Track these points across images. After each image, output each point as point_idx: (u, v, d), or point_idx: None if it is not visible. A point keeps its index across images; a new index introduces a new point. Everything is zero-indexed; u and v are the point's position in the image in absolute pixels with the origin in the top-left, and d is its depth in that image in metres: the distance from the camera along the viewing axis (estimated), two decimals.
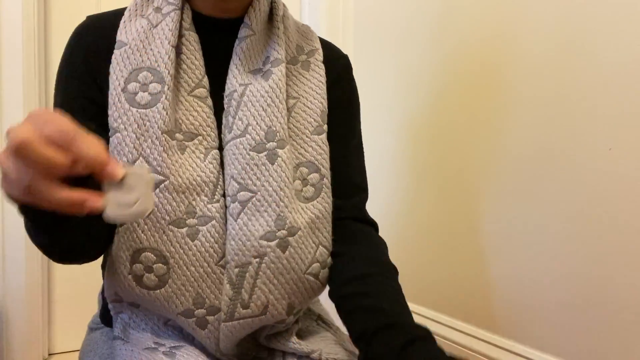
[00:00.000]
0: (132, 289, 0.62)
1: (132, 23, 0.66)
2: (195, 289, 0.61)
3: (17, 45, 1.41)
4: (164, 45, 0.63)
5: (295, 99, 0.69)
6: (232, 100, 0.65)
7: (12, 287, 1.44)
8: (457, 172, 1.28)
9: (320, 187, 0.67)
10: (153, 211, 0.59)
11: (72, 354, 1.58)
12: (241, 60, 0.67)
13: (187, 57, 0.65)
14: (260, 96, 0.65)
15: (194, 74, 0.65)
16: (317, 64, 0.72)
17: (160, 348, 0.63)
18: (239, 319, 0.62)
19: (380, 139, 1.53)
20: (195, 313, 0.62)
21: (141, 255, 0.60)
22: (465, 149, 1.26)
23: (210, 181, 0.62)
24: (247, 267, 0.61)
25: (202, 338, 0.63)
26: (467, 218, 1.25)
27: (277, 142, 0.64)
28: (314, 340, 0.71)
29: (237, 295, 0.62)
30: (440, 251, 1.34)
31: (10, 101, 1.41)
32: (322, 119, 0.70)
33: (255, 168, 0.63)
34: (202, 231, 0.61)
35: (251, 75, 0.67)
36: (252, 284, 0.62)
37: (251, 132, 0.64)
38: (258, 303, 0.62)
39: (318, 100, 0.70)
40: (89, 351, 0.70)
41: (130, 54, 0.63)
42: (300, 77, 0.71)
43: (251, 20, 0.67)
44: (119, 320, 0.66)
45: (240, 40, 0.67)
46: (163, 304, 0.62)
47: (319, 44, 0.75)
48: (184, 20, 0.65)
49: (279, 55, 0.67)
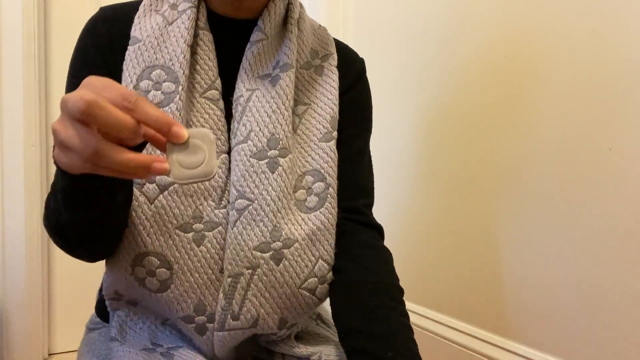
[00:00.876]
0: (135, 289, 0.61)
1: (146, 19, 0.63)
2: (197, 296, 0.60)
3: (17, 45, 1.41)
4: (180, 44, 0.61)
5: (307, 105, 0.68)
6: (239, 106, 0.64)
7: (12, 287, 1.44)
8: (462, 173, 1.28)
9: (324, 197, 0.65)
10: (160, 214, 0.58)
11: (72, 354, 1.58)
12: (251, 65, 0.65)
13: (201, 58, 0.63)
14: (266, 102, 0.63)
15: (207, 75, 0.63)
16: (330, 69, 0.70)
17: (157, 349, 0.63)
18: (229, 330, 0.61)
19: (381, 139, 1.53)
20: (196, 320, 0.61)
21: (144, 260, 0.59)
22: (469, 149, 1.25)
23: (218, 186, 0.61)
24: (239, 278, 0.60)
25: (200, 344, 0.63)
26: (472, 219, 1.25)
27: (280, 151, 0.62)
28: (313, 341, 0.70)
29: (228, 306, 0.60)
30: (444, 252, 1.34)
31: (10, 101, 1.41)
32: (332, 126, 0.67)
33: (254, 175, 0.61)
34: (208, 237, 0.60)
35: (259, 80, 0.65)
36: (242, 296, 0.60)
37: (253, 138, 0.62)
38: (247, 316, 0.60)
39: (329, 107, 0.68)
40: (87, 352, 0.69)
41: (144, 51, 0.61)
42: (312, 83, 0.69)
43: (265, 23, 0.65)
44: (116, 318, 0.65)
45: (252, 44, 0.65)
46: (164, 307, 0.61)
47: (334, 48, 0.73)
48: (199, 19, 0.63)
49: (289, 61, 0.65)
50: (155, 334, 0.65)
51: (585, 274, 0.98)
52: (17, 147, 1.43)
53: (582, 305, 0.99)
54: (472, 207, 1.24)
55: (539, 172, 1.06)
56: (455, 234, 1.30)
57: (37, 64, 1.46)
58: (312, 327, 0.75)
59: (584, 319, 0.99)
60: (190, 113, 0.61)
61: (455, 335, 1.28)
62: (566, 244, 1.01)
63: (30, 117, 1.45)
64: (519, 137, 1.11)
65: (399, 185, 1.49)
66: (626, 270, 0.92)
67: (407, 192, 1.46)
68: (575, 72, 0.99)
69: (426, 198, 1.39)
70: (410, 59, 1.44)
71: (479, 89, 1.21)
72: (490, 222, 1.19)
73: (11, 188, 1.43)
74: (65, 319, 1.58)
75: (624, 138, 0.91)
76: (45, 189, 1.51)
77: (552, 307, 1.05)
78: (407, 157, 1.46)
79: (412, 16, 1.43)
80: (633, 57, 0.90)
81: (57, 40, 1.53)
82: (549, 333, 1.06)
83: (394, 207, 1.51)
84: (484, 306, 1.21)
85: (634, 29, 0.89)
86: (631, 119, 0.90)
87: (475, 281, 1.23)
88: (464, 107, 1.26)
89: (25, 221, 1.44)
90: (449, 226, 1.32)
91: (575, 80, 0.99)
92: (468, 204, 1.25)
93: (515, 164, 1.12)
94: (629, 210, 0.91)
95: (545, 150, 1.05)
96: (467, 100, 1.24)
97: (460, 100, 1.27)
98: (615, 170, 0.93)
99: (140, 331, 0.65)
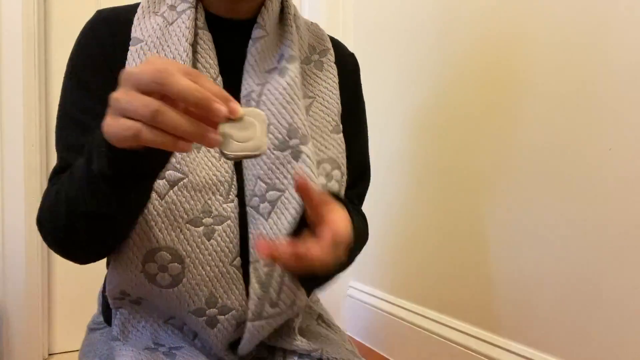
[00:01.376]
0: (144, 286, 0.61)
1: (146, 20, 0.65)
2: (209, 289, 0.61)
3: (17, 45, 1.41)
4: (182, 43, 0.62)
5: (312, 98, 0.70)
6: (251, 101, 0.65)
7: (12, 287, 1.44)
8: (458, 172, 1.28)
9: (342, 184, 0.69)
10: (171, 209, 0.59)
11: (72, 354, 1.58)
12: (257, 61, 0.67)
13: (202, 56, 0.64)
14: (279, 94, 0.64)
15: (209, 73, 0.64)
16: (330, 64, 0.73)
17: (160, 348, 0.63)
18: (266, 318, 0.63)
19: (380, 138, 1.53)
20: (207, 312, 0.62)
21: (156, 255, 0.59)
22: (466, 149, 1.26)
23: (225, 180, 0.62)
24: (275, 266, 0.62)
25: (210, 337, 0.63)
26: (468, 218, 1.25)
27: (300, 139, 0.64)
28: (315, 339, 0.71)
29: (265, 295, 0.62)
30: (441, 250, 1.34)
31: (10, 101, 1.41)
32: (339, 119, 0.71)
33: (281, 167, 0.63)
34: (218, 231, 0.61)
35: (267, 74, 0.67)
36: (279, 283, 0.62)
37: (273, 130, 0.64)
38: (287, 301, 0.63)
39: (334, 101, 0.71)
40: (88, 352, 0.69)
41: (147, 51, 0.62)
42: (314, 77, 0.71)
43: (264, 21, 0.67)
44: (119, 316, 0.66)
45: (255, 41, 0.67)
46: (174, 302, 0.62)
47: (329, 44, 0.75)
48: (198, 20, 0.65)
49: (293, 52, 0.67)
50: (157, 333, 0.65)
51: (585, 274, 0.98)
52: (17, 147, 1.43)
53: (579, 304, 0.99)
54: (466, 206, 1.24)
55: (539, 172, 1.06)
56: (449, 233, 1.30)
57: (37, 64, 1.46)
58: (313, 326, 0.75)
59: (580, 318, 0.99)
60: None
61: (450, 332, 1.28)
62: (566, 244, 1.01)
63: (30, 117, 1.44)
64: (519, 137, 1.11)
65: (393, 184, 1.49)
66: (626, 270, 0.92)
67: (400, 191, 1.46)
68: (575, 72, 0.99)
69: (419, 198, 1.39)
70: (410, 59, 1.44)
71: (476, 88, 1.21)
72: (486, 221, 1.19)
73: (11, 188, 1.42)
74: (65, 319, 1.58)
75: (624, 138, 0.91)
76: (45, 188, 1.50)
77: (547, 306, 1.05)
78: (404, 156, 1.46)
79: (413, 16, 1.43)
80: (633, 56, 0.90)
81: (57, 40, 1.53)
82: (543, 331, 1.06)
83: (387, 206, 1.51)
84: (479, 304, 1.21)
85: (635, 29, 0.90)
86: (631, 119, 0.90)
87: (470, 280, 1.24)
88: (462, 107, 1.26)
89: (25, 221, 1.44)
90: (443, 226, 1.32)
91: (575, 80, 0.99)
92: (462, 204, 1.25)
93: (516, 164, 1.12)
94: (629, 210, 0.91)
95: (545, 150, 1.05)
96: (464, 100, 1.25)
97: (459, 100, 1.27)
98: (615, 170, 0.93)
99: (142, 330, 0.65)
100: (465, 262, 1.26)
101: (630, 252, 0.91)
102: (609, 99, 0.94)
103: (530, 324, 1.09)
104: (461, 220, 1.27)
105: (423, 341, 1.37)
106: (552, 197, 1.04)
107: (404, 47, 1.46)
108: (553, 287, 1.04)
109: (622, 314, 0.93)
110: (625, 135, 0.91)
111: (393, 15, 1.52)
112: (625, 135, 0.91)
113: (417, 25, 1.41)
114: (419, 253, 1.42)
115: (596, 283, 0.96)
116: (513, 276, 1.13)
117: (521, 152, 1.10)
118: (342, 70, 0.74)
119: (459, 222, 1.28)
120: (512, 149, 1.13)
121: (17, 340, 1.45)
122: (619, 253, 0.93)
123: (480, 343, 1.21)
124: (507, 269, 1.15)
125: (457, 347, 1.27)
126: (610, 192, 0.94)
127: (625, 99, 0.91)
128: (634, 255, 0.91)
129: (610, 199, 0.94)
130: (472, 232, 1.24)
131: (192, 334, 0.66)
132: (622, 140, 0.92)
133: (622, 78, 0.91)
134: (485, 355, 1.19)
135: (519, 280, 1.12)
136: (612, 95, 0.93)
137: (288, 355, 0.67)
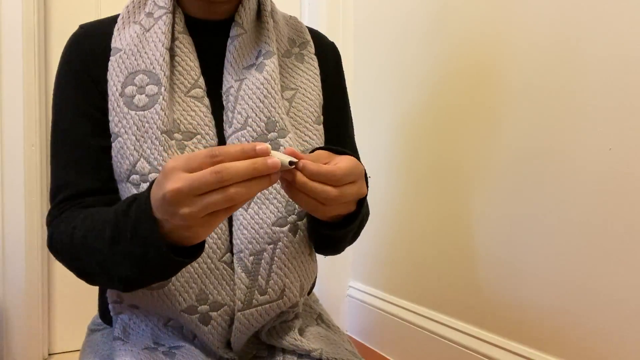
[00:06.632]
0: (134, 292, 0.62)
1: (125, 30, 0.68)
2: (198, 285, 0.62)
3: (17, 45, 1.41)
4: (158, 48, 0.65)
5: (294, 90, 0.72)
6: (230, 96, 0.68)
7: (12, 287, 1.44)
8: (455, 171, 1.28)
9: None
10: None
11: (72, 354, 1.58)
12: (235, 58, 0.69)
13: (182, 59, 0.67)
14: (257, 88, 0.67)
15: (190, 75, 0.67)
16: (310, 57, 0.75)
17: (160, 348, 0.63)
18: (256, 306, 0.64)
19: (379, 137, 1.53)
20: (199, 309, 0.62)
21: None
22: (464, 148, 1.25)
23: None
24: (262, 254, 0.63)
25: (205, 334, 0.64)
26: (466, 217, 1.25)
27: (278, 132, 0.66)
28: (314, 339, 0.71)
29: (253, 283, 0.63)
30: (439, 250, 1.34)
31: (10, 101, 1.42)
32: (320, 110, 0.73)
33: None
34: None
35: (246, 70, 0.69)
36: (268, 270, 0.64)
37: (251, 124, 0.66)
38: (275, 288, 0.64)
39: (316, 92, 0.73)
40: (89, 352, 0.70)
41: (126, 59, 0.65)
42: (295, 69, 0.73)
43: (242, 19, 0.69)
44: (119, 321, 0.66)
45: (233, 39, 0.69)
46: (166, 302, 0.62)
47: (309, 36, 0.77)
48: (177, 24, 0.68)
49: (271, 48, 0.70)
50: (157, 335, 0.66)
51: (585, 274, 0.98)
52: (17, 147, 1.43)
53: (579, 304, 0.99)
54: (463, 206, 1.24)
55: (538, 172, 1.06)
56: (446, 233, 1.30)
57: (37, 64, 1.46)
58: (312, 326, 0.75)
59: (580, 318, 0.99)
60: (176, 112, 0.65)
61: (450, 332, 1.29)
62: (566, 244, 1.01)
63: (30, 117, 1.45)
64: (516, 136, 1.11)
65: (388, 184, 1.49)
66: (626, 270, 0.92)
67: (395, 191, 1.47)
68: (575, 71, 0.99)
69: (415, 197, 1.39)
70: (410, 59, 1.44)
71: (475, 88, 1.21)
72: (485, 221, 1.19)
73: (11, 188, 1.43)
74: (65, 319, 1.58)
75: (624, 138, 0.91)
76: (45, 188, 1.50)
77: (546, 306, 1.05)
78: (402, 156, 1.46)
79: (413, 16, 1.43)
80: (633, 56, 0.90)
81: (57, 40, 1.53)
82: (543, 331, 1.06)
83: (382, 206, 1.51)
84: (478, 304, 1.21)
85: (634, 28, 0.90)
86: (631, 119, 0.90)
87: (469, 279, 1.24)
88: (462, 107, 1.26)
89: (25, 221, 1.44)
90: (440, 225, 1.32)
91: (575, 80, 0.99)
92: (459, 203, 1.25)
93: (514, 164, 1.12)
94: (629, 210, 0.91)
95: (545, 150, 1.05)
96: (464, 100, 1.25)
97: (459, 100, 1.27)
98: (615, 170, 0.93)
99: (143, 332, 0.66)
100: (465, 262, 1.26)
101: (630, 252, 0.91)
102: (609, 99, 0.94)
103: (530, 324, 1.09)
104: (461, 220, 1.27)
105: (423, 341, 1.37)
106: (552, 196, 1.04)
107: (404, 47, 1.46)
108: (553, 286, 1.04)
109: (622, 313, 0.93)
110: (625, 135, 0.91)
111: (393, 15, 1.52)
112: (625, 135, 0.91)
113: (417, 26, 1.41)
114: (418, 253, 1.42)
115: (596, 283, 0.97)
116: (513, 276, 1.13)
117: (522, 151, 1.10)
118: (322, 60, 0.76)
119: (458, 222, 1.28)
120: (512, 149, 1.13)
121: (17, 340, 1.45)
122: (619, 253, 0.93)
123: (480, 343, 1.21)
124: (507, 269, 1.15)
125: (457, 347, 1.27)
126: (610, 192, 0.94)
127: (625, 99, 0.91)
128: (634, 255, 0.91)
129: (610, 199, 0.94)
130: (473, 232, 1.24)
131: (191, 334, 0.66)
132: (622, 140, 0.92)
133: (622, 78, 0.91)
134: (486, 355, 1.19)
135: (519, 280, 1.12)
136: (612, 95, 0.93)
137: (288, 355, 0.68)
